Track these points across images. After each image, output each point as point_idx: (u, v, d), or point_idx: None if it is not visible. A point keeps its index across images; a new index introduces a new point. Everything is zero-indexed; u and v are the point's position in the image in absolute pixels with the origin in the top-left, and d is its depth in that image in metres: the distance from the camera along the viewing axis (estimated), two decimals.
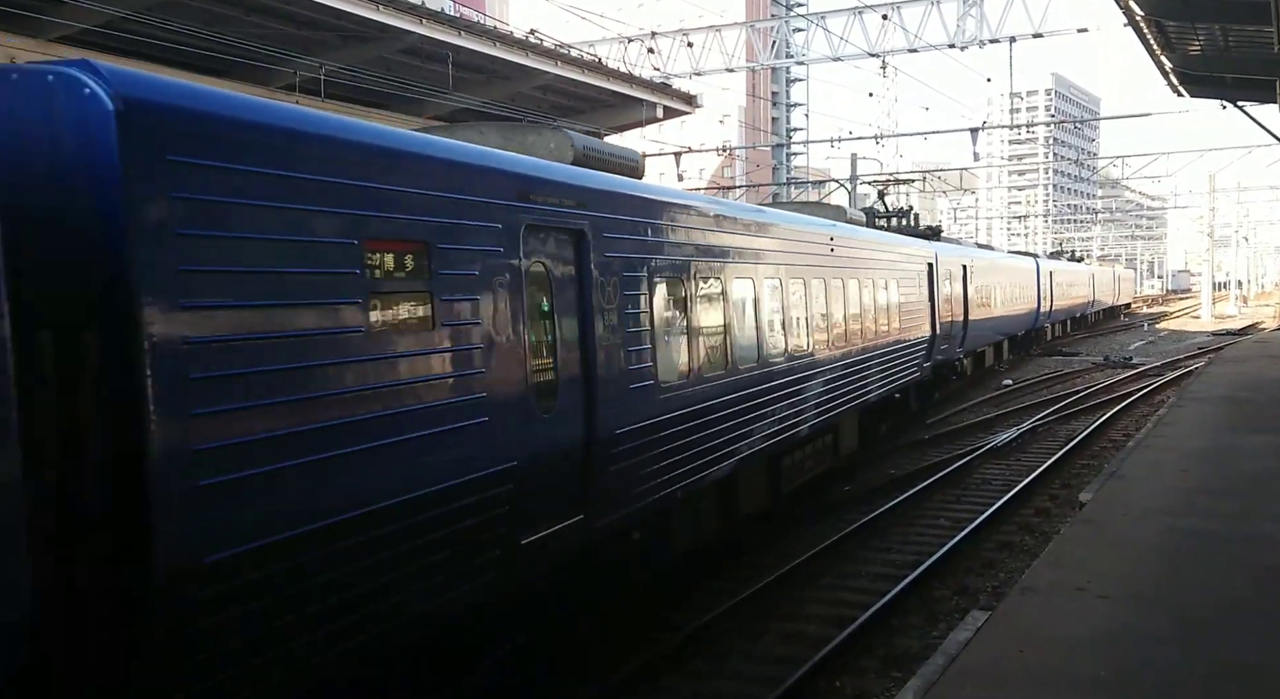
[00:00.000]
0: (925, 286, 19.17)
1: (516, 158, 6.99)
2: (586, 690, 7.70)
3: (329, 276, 4.97)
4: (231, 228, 4.47)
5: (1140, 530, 9.32)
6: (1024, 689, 5.87)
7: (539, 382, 6.60)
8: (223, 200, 4.44)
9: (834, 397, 13.05)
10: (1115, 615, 7.03)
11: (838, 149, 42.16)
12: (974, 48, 27.14)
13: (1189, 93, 24.92)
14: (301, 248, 4.83)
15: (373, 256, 5.27)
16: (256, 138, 4.68)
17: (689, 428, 8.65)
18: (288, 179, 4.77)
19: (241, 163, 4.55)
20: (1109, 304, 64.69)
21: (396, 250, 5.49)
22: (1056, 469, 16.16)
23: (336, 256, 5.02)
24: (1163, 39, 20.11)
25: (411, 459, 5.37)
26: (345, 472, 4.92)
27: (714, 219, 9.78)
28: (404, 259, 5.56)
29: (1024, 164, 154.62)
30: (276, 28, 20.01)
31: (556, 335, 6.91)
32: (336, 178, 5.06)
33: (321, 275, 4.92)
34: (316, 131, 5.11)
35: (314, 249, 4.90)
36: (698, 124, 50.65)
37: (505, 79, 25.58)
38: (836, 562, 11.33)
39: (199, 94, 4.64)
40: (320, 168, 4.98)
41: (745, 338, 10.20)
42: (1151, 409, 21.65)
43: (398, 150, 5.64)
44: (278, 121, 4.90)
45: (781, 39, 30.93)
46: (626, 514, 7.81)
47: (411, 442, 5.37)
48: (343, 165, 5.13)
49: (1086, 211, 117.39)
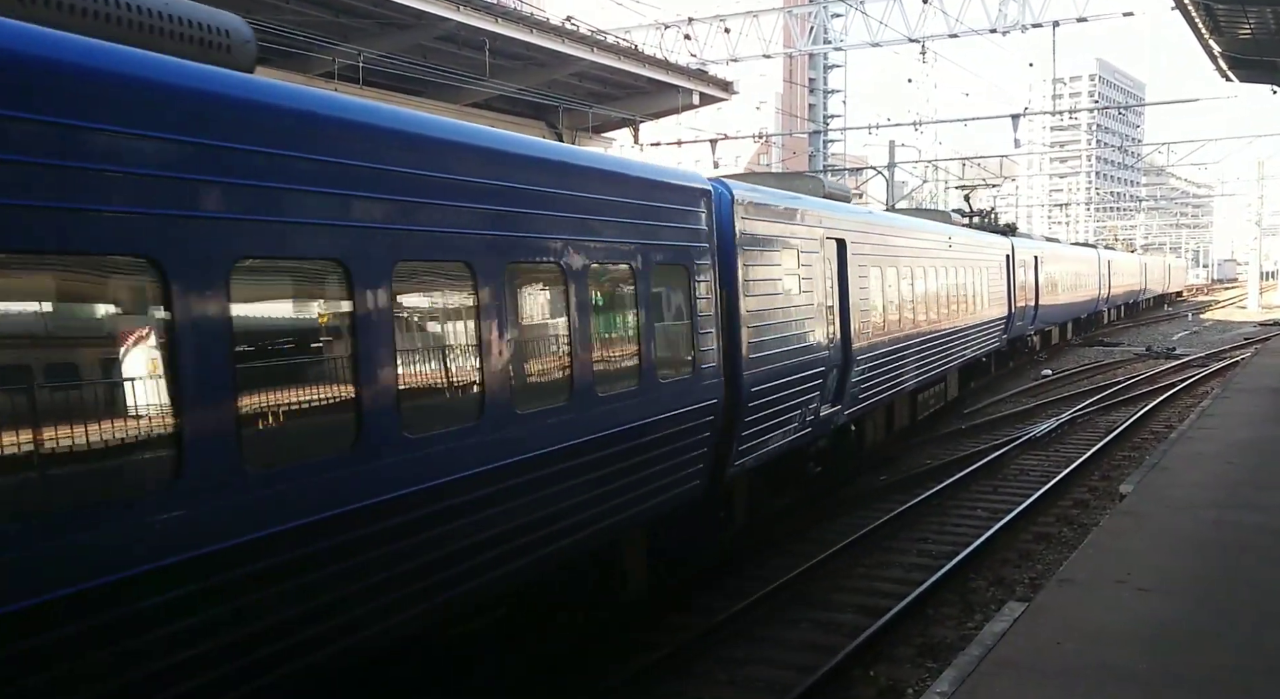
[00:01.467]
0: (1004, 274, 24.07)
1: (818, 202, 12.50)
2: (618, 671, 7.74)
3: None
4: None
5: (1183, 522, 9.18)
6: (1061, 681, 5.81)
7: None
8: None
9: (947, 355, 18.19)
10: (1155, 608, 6.94)
11: (875, 135, 41.75)
12: (1016, 32, 26.70)
13: (1238, 77, 24.38)
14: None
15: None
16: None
17: (891, 360, 14.38)
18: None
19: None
20: (1160, 291, 70.88)
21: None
22: (1096, 461, 15.94)
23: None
24: (1211, 22, 19.67)
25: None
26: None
27: (909, 230, 16.12)
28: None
29: (1066, 151, 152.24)
30: (315, 15, 20.17)
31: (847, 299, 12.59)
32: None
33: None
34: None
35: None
36: (734, 111, 50.36)
37: (541, 66, 25.58)
38: (872, 551, 11.27)
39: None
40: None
41: (917, 309, 15.91)
42: (1195, 400, 21.26)
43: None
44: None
45: (819, 24, 30.61)
46: (867, 407, 13.55)
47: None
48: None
49: (1130, 199, 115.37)
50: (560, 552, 6.68)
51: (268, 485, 4.52)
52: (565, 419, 6.54)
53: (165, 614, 4.08)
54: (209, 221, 4.31)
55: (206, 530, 4.23)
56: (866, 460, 14.97)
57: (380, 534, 5.11)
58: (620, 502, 7.28)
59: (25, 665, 3.61)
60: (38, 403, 3.72)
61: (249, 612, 4.44)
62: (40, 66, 3.79)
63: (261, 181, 4.58)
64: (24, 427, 3.65)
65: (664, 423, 7.83)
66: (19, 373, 3.74)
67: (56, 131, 3.78)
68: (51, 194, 3.75)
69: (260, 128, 4.60)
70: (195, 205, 4.28)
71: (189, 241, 4.21)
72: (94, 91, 3.95)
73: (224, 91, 4.52)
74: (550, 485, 6.39)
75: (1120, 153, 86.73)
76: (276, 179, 4.65)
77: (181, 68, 4.41)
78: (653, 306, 7.81)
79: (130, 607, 3.96)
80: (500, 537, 5.99)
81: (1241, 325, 47.14)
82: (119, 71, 4.08)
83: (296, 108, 4.88)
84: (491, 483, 5.84)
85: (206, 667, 4.27)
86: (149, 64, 4.26)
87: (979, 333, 20.84)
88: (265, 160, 4.60)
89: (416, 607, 5.43)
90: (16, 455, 3.63)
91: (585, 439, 6.73)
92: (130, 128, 4.04)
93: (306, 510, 4.68)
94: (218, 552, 4.27)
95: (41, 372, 3.84)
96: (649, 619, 8.88)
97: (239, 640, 4.40)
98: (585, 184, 7.06)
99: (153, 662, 4.06)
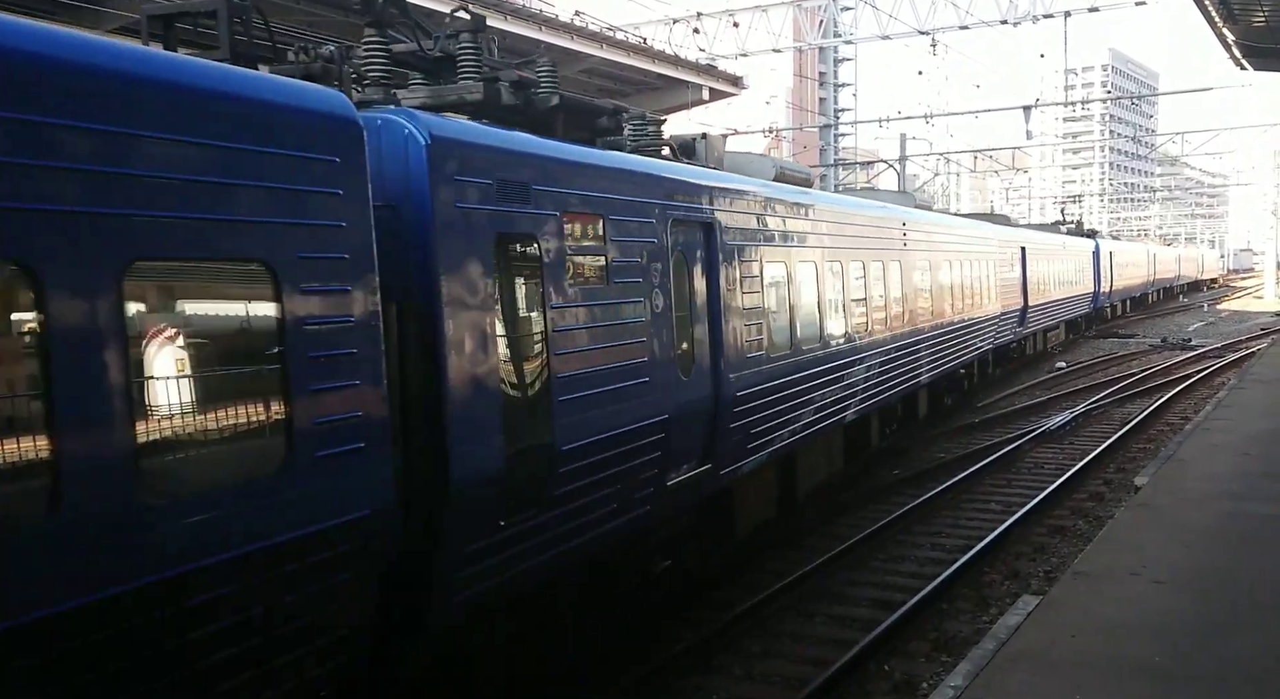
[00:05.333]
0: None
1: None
2: (638, 668, 7.77)
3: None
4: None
5: (1198, 515, 9.15)
6: (1075, 674, 5.81)
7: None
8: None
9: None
10: (1171, 601, 6.93)
11: (886, 129, 41.63)
12: (1027, 23, 26.56)
13: (1252, 66, 24.23)
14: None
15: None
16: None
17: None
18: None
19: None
20: (1194, 277, 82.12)
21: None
22: (1111, 453, 15.88)
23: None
24: (1225, 10, 19.54)
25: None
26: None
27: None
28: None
29: (1079, 142, 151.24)
30: (324, 15, 20.26)
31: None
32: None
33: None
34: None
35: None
36: (744, 105, 50.23)
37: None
38: (886, 545, 11.28)
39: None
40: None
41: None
42: (1211, 392, 21.15)
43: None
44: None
45: (829, 18, 30.52)
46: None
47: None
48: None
49: (1144, 190, 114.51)
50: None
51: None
52: None
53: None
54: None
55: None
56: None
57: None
58: None
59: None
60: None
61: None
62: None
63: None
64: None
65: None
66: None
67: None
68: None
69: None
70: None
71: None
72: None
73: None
74: None
75: (1134, 143, 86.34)
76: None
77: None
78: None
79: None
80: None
81: (1258, 316, 46.80)
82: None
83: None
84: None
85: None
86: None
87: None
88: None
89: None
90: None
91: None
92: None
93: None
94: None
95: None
96: (668, 612, 8.91)
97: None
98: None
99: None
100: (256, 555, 4.23)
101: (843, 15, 31.28)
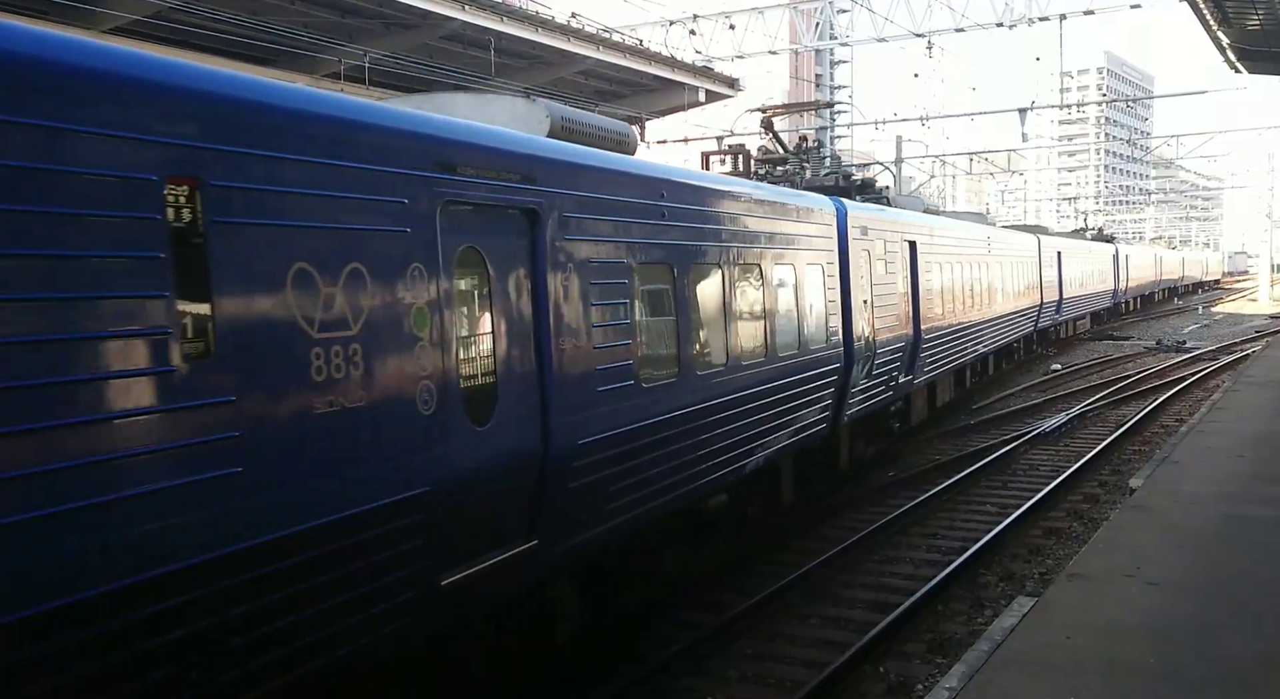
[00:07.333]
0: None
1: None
2: (629, 670, 7.76)
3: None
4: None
5: (1193, 517, 9.16)
6: (1070, 676, 5.81)
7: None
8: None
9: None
10: (1165, 603, 6.93)
11: (882, 131, 41.66)
12: (1023, 26, 26.59)
13: (1247, 69, 24.31)
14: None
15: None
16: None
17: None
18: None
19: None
20: (1198, 277, 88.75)
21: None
22: (1106, 455, 15.89)
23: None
24: (1219, 14, 19.60)
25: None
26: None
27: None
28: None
29: (1074, 145, 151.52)
30: (321, 16, 20.23)
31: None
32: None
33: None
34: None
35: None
36: (741, 108, 50.23)
37: (548, 64, 25.62)
38: (881, 546, 11.27)
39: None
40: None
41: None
42: (1206, 394, 21.18)
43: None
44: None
45: (825, 20, 30.55)
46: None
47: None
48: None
49: (1139, 193, 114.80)
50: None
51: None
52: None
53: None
54: None
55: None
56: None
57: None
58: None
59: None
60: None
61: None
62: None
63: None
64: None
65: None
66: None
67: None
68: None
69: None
70: None
71: None
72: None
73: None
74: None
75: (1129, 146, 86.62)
76: None
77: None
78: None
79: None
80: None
81: (1252, 318, 46.91)
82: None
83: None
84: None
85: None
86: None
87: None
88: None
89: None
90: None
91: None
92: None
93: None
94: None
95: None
96: (662, 614, 8.89)
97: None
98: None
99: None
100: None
101: (839, 18, 31.31)
